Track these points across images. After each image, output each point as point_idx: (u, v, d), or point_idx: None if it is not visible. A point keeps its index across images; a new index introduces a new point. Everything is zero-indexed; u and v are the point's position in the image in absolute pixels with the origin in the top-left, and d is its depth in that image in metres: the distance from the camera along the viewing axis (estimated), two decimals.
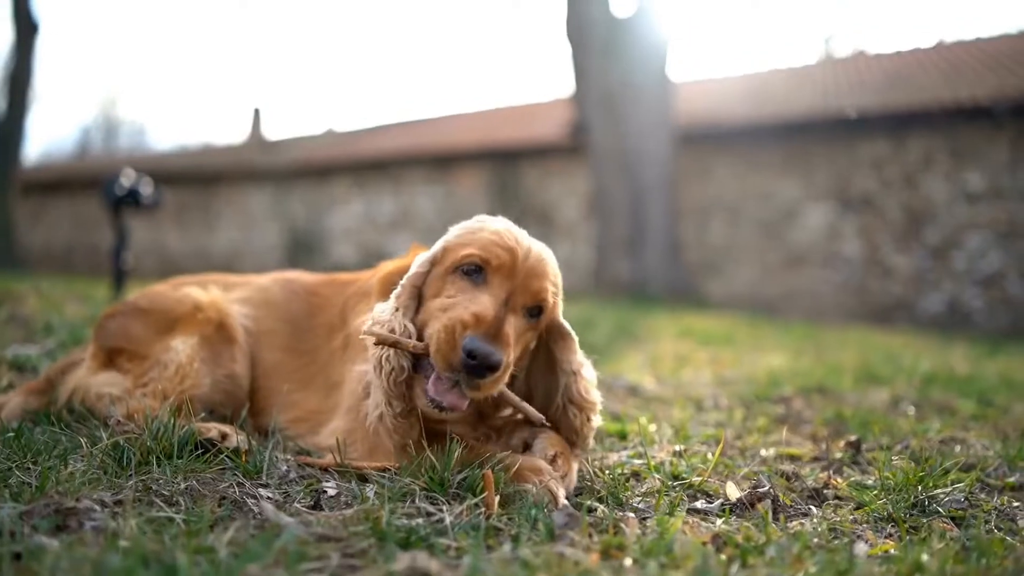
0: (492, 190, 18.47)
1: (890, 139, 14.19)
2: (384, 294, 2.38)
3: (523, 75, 78.02)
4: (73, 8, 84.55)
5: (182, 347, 2.54)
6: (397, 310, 2.19)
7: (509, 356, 2.02)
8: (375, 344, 2.13)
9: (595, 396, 2.37)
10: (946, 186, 13.73)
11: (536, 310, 2.19)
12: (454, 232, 2.30)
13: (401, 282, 2.26)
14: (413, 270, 2.26)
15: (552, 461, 2.18)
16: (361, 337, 2.20)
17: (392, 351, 2.10)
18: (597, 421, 2.39)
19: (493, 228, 2.23)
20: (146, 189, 7.38)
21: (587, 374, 2.38)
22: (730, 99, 17.04)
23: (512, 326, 2.08)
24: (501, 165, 18.49)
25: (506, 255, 2.14)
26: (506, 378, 2.07)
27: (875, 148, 14.32)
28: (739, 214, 15.50)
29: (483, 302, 2.06)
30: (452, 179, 19.23)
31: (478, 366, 1.94)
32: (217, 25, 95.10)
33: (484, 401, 2.18)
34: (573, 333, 2.36)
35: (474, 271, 2.15)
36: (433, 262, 2.26)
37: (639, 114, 13.61)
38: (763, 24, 69.59)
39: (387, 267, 2.59)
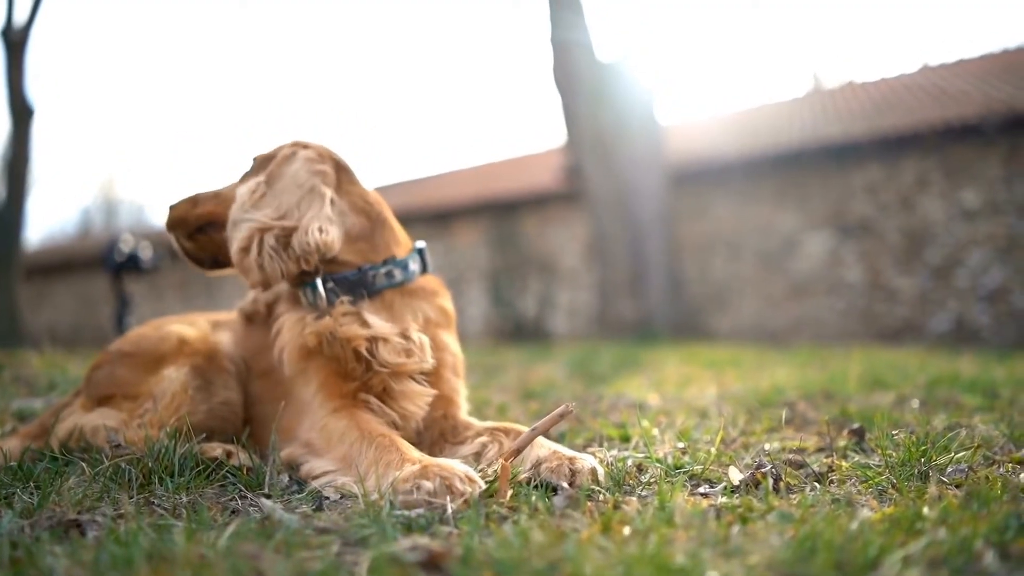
0: (492, 242, 18.51)
1: (883, 164, 14.26)
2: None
3: (516, 128, 78.73)
4: (67, 92, 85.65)
5: (175, 375, 2.53)
6: None
7: None
8: None
9: None
10: (943, 205, 13.76)
11: None
12: None
13: None
14: None
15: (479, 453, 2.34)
16: None
17: None
18: None
19: None
20: (145, 253, 7.44)
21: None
22: (722, 136, 17.16)
23: None
24: (500, 216, 18.56)
25: None
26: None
27: (869, 173, 14.39)
28: (739, 248, 15.53)
29: None
30: (451, 234, 19.28)
31: None
32: (210, 96, 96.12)
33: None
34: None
35: None
36: None
37: (632, 155, 13.72)
38: (750, 61, 70.34)
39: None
